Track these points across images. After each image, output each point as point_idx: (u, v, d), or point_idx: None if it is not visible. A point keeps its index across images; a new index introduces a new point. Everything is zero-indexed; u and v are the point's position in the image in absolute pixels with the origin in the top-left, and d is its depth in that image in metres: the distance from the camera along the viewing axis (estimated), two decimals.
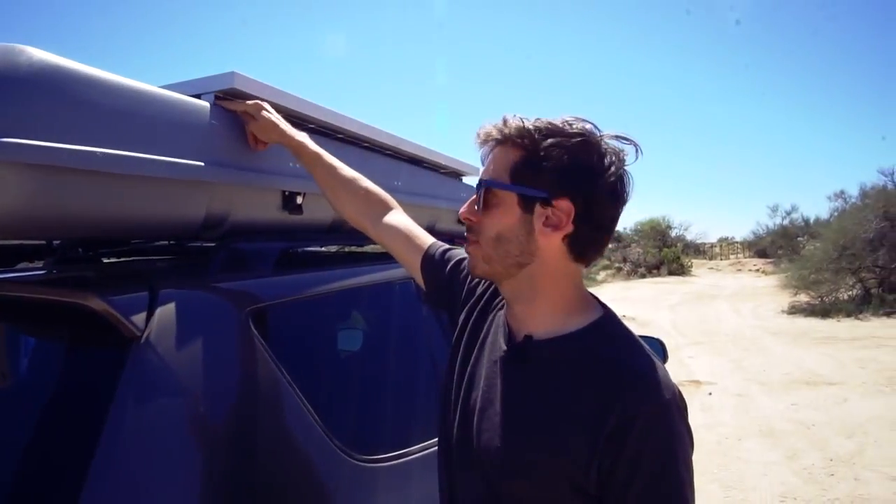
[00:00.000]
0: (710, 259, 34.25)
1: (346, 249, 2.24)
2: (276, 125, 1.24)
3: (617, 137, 0.87)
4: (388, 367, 1.61)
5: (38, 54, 0.88)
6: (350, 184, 1.25)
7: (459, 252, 1.16)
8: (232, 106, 1.25)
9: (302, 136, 1.27)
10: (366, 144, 1.74)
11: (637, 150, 0.88)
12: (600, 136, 0.86)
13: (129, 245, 1.58)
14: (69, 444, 0.90)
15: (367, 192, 1.25)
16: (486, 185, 0.88)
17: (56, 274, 1.46)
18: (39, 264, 1.60)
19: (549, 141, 0.83)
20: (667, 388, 0.79)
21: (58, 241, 1.57)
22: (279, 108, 1.32)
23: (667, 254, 27.37)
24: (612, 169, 0.85)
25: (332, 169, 1.26)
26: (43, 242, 1.57)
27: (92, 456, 0.84)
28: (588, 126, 0.86)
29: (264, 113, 1.24)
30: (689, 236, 34.91)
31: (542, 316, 0.89)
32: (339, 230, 1.65)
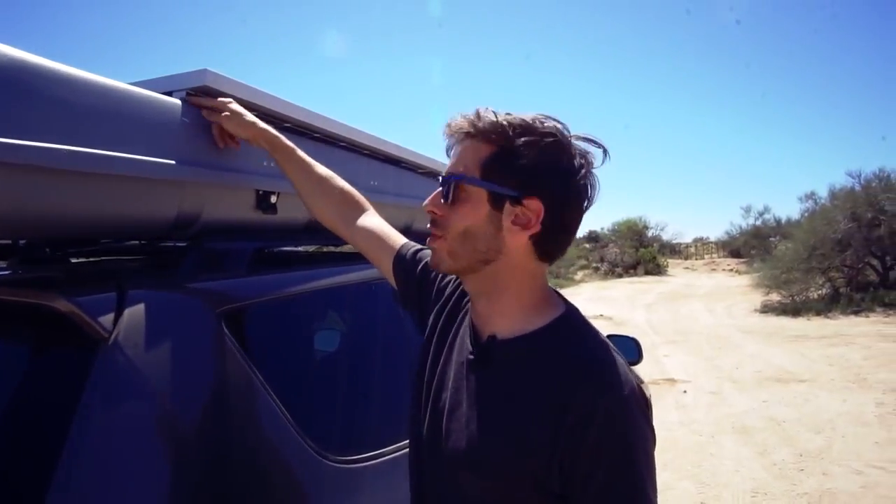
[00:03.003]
0: (686, 259, 34.74)
1: (323, 249, 2.22)
2: (246, 118, 1.22)
3: (586, 139, 0.87)
4: (363, 368, 1.60)
5: (1, 49, 0.86)
6: (324, 183, 1.24)
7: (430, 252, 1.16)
8: (205, 102, 1.23)
9: (275, 133, 1.25)
10: (342, 144, 1.73)
11: (605, 154, 0.88)
12: (570, 137, 0.86)
13: (97, 245, 1.55)
14: (35, 448, 0.88)
15: (340, 191, 1.24)
16: (455, 180, 0.86)
17: (21, 274, 1.43)
18: (4, 264, 1.56)
19: (523, 139, 0.83)
20: (626, 383, 0.79)
21: (23, 241, 1.53)
22: (253, 107, 1.30)
23: (643, 254, 27.69)
24: (582, 171, 0.85)
25: (306, 167, 1.24)
26: (8, 242, 1.53)
27: (59, 460, 0.82)
28: (559, 126, 0.86)
29: (237, 107, 1.22)
30: (665, 236, 35.38)
31: (506, 314, 0.88)
32: (314, 230, 1.64)
